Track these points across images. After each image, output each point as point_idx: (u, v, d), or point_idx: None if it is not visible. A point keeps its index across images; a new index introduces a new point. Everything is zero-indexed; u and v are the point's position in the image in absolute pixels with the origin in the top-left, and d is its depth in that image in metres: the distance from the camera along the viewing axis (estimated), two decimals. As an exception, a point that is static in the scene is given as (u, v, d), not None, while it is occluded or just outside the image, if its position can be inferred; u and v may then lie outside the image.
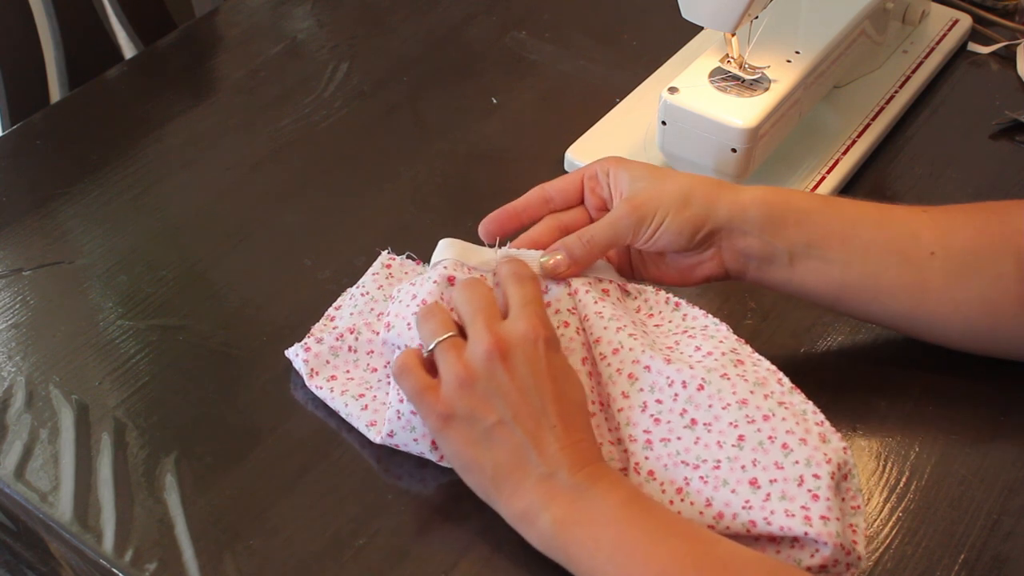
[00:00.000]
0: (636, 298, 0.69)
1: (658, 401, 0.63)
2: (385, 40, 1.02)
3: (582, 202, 0.71)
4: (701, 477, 0.61)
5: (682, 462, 0.61)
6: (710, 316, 0.66)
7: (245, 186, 0.87)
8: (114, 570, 0.63)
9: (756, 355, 0.64)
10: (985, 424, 0.69)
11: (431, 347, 0.62)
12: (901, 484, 0.66)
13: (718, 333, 0.65)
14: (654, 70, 0.95)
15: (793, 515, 0.58)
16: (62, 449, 0.68)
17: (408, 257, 0.75)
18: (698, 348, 0.64)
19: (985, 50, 0.99)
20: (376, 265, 0.74)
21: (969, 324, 0.67)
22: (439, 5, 1.06)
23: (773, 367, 0.64)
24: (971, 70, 0.98)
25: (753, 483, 0.59)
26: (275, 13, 1.06)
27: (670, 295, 0.68)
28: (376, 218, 0.84)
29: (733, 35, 0.80)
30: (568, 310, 0.66)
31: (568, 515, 0.58)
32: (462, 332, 0.63)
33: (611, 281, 0.68)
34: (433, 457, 0.66)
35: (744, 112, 0.78)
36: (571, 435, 0.59)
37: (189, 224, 0.84)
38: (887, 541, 0.63)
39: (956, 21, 0.99)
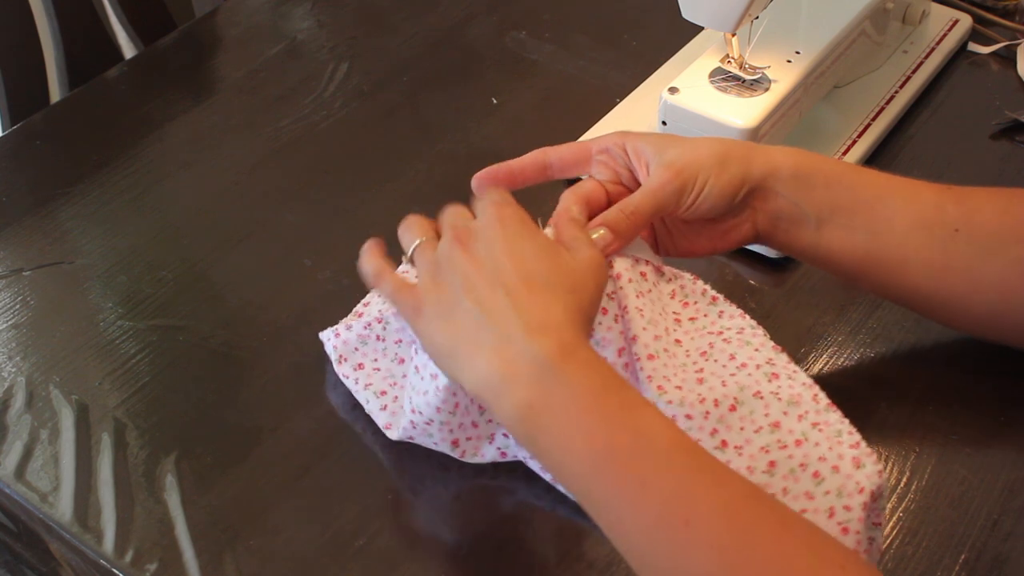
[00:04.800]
0: (671, 281, 0.66)
1: (688, 417, 0.60)
2: (385, 40, 1.02)
3: (580, 174, 0.69)
4: None
5: None
6: (747, 317, 0.64)
7: (245, 186, 0.87)
8: (114, 570, 0.63)
9: (792, 366, 0.62)
10: (985, 424, 0.69)
11: (410, 253, 0.61)
12: (901, 484, 0.66)
13: (754, 339, 0.63)
14: (654, 70, 0.95)
15: None
16: (62, 449, 0.68)
17: None
18: (732, 357, 0.62)
19: (985, 50, 0.99)
20: (405, 264, 0.73)
21: (986, 306, 0.66)
22: (439, 5, 1.06)
23: (809, 380, 0.61)
24: (971, 70, 0.98)
25: None
26: (275, 13, 1.06)
27: (707, 287, 0.65)
28: (376, 218, 0.84)
29: (733, 35, 0.80)
30: (608, 295, 0.62)
31: (534, 398, 0.53)
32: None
33: (647, 262, 0.65)
34: (455, 454, 0.65)
35: (744, 112, 0.78)
36: (533, 299, 0.55)
37: (189, 224, 0.84)
38: (887, 541, 0.63)
39: (956, 21, 0.99)
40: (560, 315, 0.55)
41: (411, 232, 0.62)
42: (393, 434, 0.67)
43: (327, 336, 0.71)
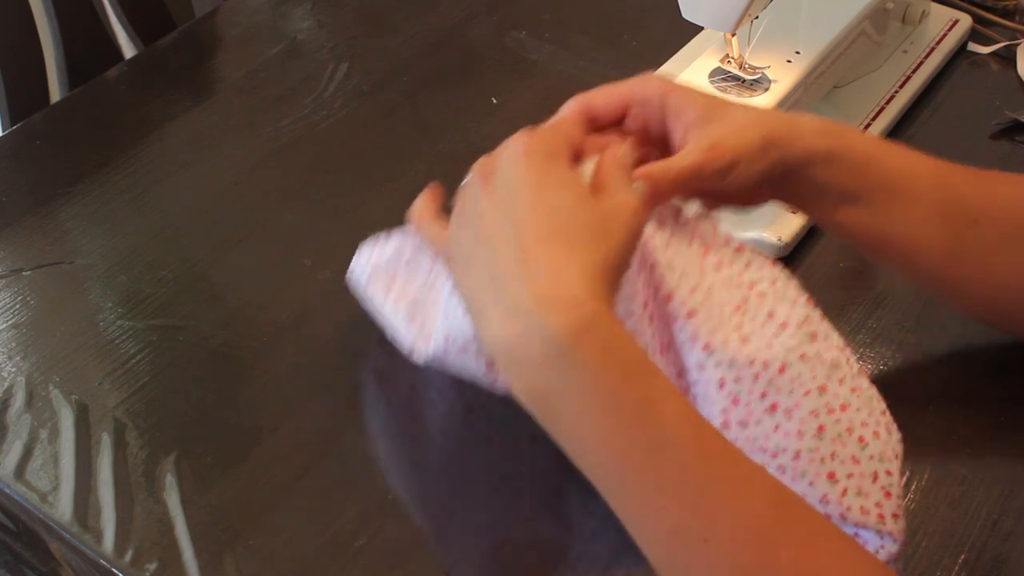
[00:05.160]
0: (685, 225, 0.61)
1: (737, 380, 0.57)
2: (385, 40, 1.02)
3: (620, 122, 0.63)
4: (779, 466, 0.57)
5: (760, 448, 0.57)
6: (777, 265, 0.61)
7: (245, 186, 0.87)
8: (114, 570, 0.63)
9: (826, 323, 0.60)
10: (985, 424, 0.69)
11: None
12: (901, 484, 0.66)
13: (789, 292, 0.60)
14: (654, 70, 0.95)
15: (868, 512, 0.56)
16: (62, 449, 0.68)
17: None
18: (771, 315, 0.59)
19: (985, 50, 0.99)
20: None
21: (1000, 297, 0.66)
22: (439, 5, 1.06)
23: (841, 342, 0.60)
24: (971, 70, 0.98)
25: (831, 477, 0.57)
26: (275, 13, 1.06)
27: (730, 235, 0.61)
28: (376, 218, 0.84)
29: (733, 35, 0.80)
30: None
31: (545, 383, 0.49)
32: None
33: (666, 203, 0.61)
34: (487, 380, 0.64)
35: (744, 112, 0.78)
36: (546, 255, 0.50)
37: (189, 224, 0.84)
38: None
39: (956, 21, 0.99)
40: (575, 277, 0.49)
41: (471, 171, 0.57)
42: (420, 357, 0.65)
43: (359, 263, 0.69)
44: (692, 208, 0.62)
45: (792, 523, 0.49)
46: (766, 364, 0.57)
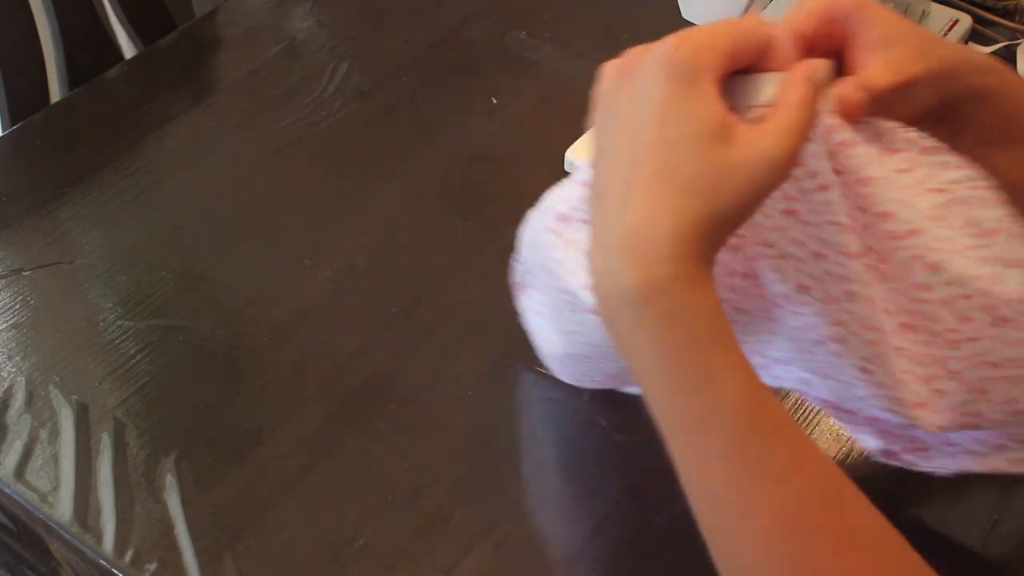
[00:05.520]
0: (876, 135, 0.55)
1: (965, 297, 0.54)
2: (385, 40, 1.02)
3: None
4: (1007, 377, 0.55)
5: (989, 362, 0.55)
6: (973, 168, 0.56)
7: (245, 186, 0.87)
8: (114, 570, 0.63)
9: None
10: (985, 424, 0.69)
11: None
12: (901, 484, 0.66)
13: (988, 195, 0.55)
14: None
15: None
16: (62, 449, 0.68)
17: None
18: (977, 227, 0.55)
19: (985, 50, 0.99)
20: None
21: None
22: (439, 5, 1.06)
23: None
24: (971, 70, 0.98)
25: None
26: (275, 13, 1.06)
27: (914, 133, 0.55)
28: (376, 218, 0.84)
29: (733, 35, 0.80)
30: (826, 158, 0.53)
31: (616, 326, 0.47)
32: None
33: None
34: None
35: (744, 112, 0.78)
36: (644, 198, 0.46)
37: (189, 224, 0.84)
38: (887, 541, 0.63)
39: (956, 21, 0.99)
40: (665, 231, 0.45)
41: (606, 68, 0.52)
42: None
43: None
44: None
45: (835, 518, 0.47)
46: (991, 281, 0.54)
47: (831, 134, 0.52)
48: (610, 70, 0.50)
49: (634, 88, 0.48)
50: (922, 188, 0.55)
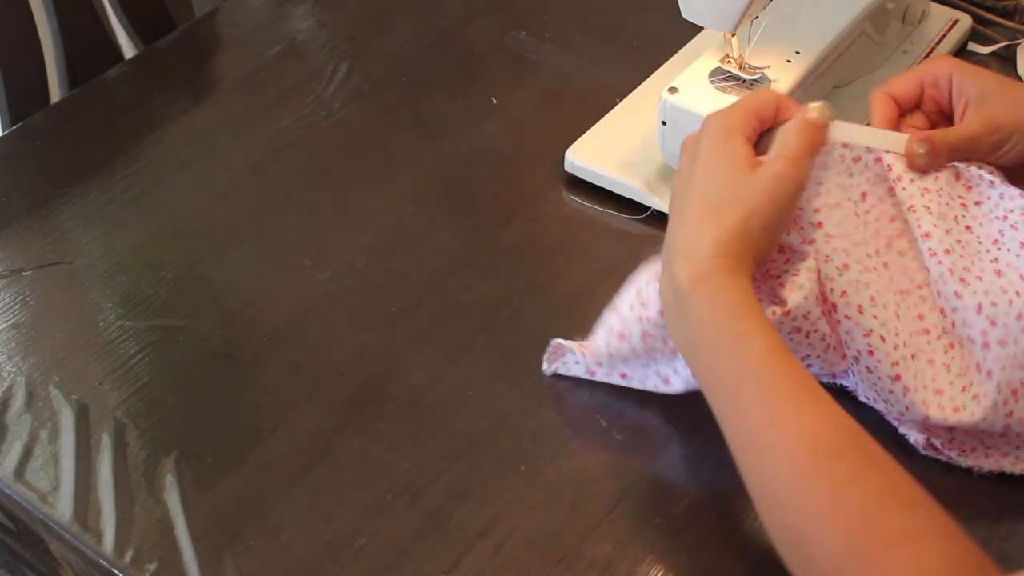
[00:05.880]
0: (949, 167, 0.68)
1: (993, 304, 0.63)
2: (385, 40, 1.02)
3: (918, 106, 0.71)
4: None
5: (1020, 365, 0.62)
6: None
7: (245, 186, 0.87)
8: (114, 570, 0.63)
9: None
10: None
11: None
12: None
13: None
14: (654, 70, 0.95)
15: None
16: (62, 449, 0.68)
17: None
18: (1023, 244, 0.64)
19: (985, 50, 0.99)
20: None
21: None
22: (439, 5, 1.06)
23: None
24: (971, 70, 0.98)
25: None
26: (275, 13, 1.06)
27: (984, 170, 0.67)
28: (376, 218, 0.84)
29: (733, 35, 0.80)
30: (886, 193, 0.67)
31: (672, 320, 0.61)
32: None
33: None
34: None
35: (744, 112, 0.78)
36: (695, 223, 0.60)
37: (189, 224, 0.84)
38: (887, 541, 0.63)
39: (956, 21, 0.99)
40: (707, 238, 0.59)
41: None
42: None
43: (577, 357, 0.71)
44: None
45: (854, 445, 0.54)
46: (1019, 293, 0.63)
47: (888, 171, 0.66)
48: (685, 145, 0.65)
49: (692, 149, 0.64)
50: (989, 216, 0.66)
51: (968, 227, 0.66)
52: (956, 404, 0.63)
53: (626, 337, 0.66)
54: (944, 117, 0.70)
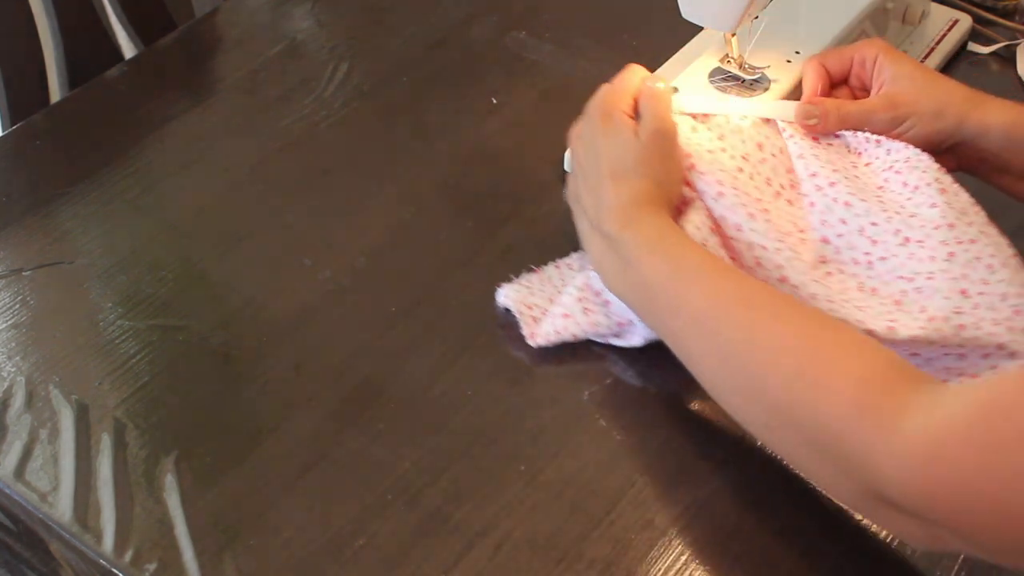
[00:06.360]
0: (840, 137, 0.75)
1: (873, 224, 0.69)
2: (385, 40, 1.02)
3: (846, 81, 0.78)
4: (916, 288, 0.66)
5: (899, 277, 0.67)
6: (911, 147, 0.71)
7: (245, 186, 0.87)
8: (114, 570, 0.63)
9: (956, 184, 0.69)
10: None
11: None
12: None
13: (920, 163, 0.70)
14: (654, 70, 0.94)
15: (999, 323, 0.63)
16: (62, 449, 0.68)
17: None
18: (905, 184, 0.70)
19: (985, 50, 0.99)
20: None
21: None
22: (439, 5, 1.06)
23: (971, 198, 0.69)
24: (971, 70, 0.98)
25: (963, 293, 0.65)
26: (275, 13, 1.06)
27: (869, 134, 0.73)
28: (376, 218, 0.84)
29: (733, 35, 0.80)
30: (779, 150, 0.74)
31: (611, 263, 0.68)
32: None
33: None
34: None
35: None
36: (611, 187, 0.69)
37: (189, 224, 0.84)
38: (887, 541, 0.63)
39: (956, 21, 0.99)
40: (628, 197, 0.68)
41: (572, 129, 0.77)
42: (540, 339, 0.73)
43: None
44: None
45: (780, 297, 0.63)
46: (898, 210, 0.69)
47: (782, 133, 0.75)
48: (573, 133, 0.75)
49: (582, 132, 0.74)
50: (879, 170, 0.72)
51: (857, 177, 0.72)
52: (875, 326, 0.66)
53: (571, 316, 0.73)
54: (866, 94, 0.76)
